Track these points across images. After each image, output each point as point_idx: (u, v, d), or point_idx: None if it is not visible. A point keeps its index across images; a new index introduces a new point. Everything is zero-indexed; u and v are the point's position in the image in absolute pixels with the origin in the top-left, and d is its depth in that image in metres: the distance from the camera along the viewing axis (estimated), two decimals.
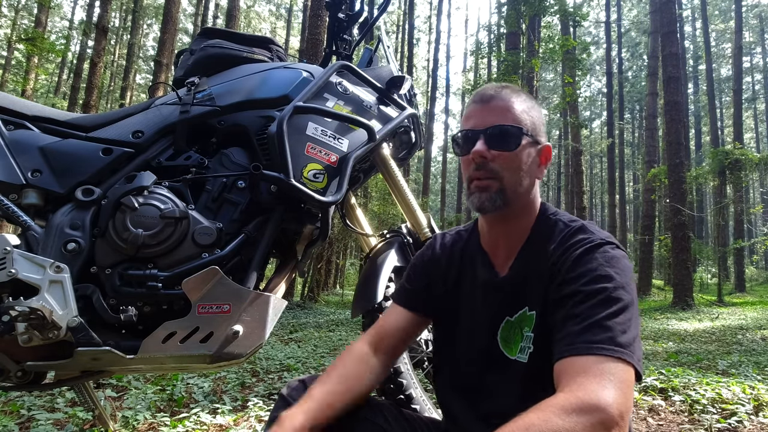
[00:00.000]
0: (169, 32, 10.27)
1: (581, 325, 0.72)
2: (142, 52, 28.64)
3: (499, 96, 0.89)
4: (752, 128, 36.50)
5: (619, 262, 0.79)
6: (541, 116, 0.93)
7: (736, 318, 7.65)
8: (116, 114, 1.45)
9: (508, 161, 0.86)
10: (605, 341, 0.69)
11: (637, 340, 0.73)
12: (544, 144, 0.91)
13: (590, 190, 34.39)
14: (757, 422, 2.07)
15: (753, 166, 12.92)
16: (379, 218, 11.38)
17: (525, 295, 0.88)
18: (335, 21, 1.72)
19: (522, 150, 0.87)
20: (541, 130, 0.91)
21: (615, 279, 0.76)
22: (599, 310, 0.73)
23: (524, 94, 0.93)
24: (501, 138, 0.86)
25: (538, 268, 0.87)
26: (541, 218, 0.91)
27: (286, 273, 1.50)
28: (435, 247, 1.06)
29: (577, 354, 0.70)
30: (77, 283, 1.22)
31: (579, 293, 0.76)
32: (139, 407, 2.07)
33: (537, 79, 13.63)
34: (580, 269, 0.79)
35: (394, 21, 26.58)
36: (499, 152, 0.86)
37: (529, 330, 0.86)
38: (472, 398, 0.94)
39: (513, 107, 0.88)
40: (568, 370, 0.69)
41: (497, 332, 0.91)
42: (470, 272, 0.98)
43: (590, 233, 0.85)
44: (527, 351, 0.86)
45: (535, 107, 0.92)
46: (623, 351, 0.69)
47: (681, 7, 21.86)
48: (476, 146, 0.86)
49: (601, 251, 0.80)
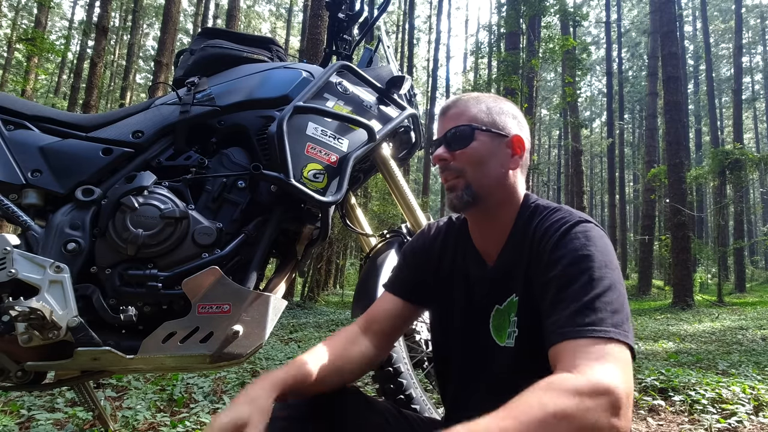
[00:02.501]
0: (169, 32, 10.26)
1: (570, 308, 0.72)
2: (142, 52, 28.64)
3: (454, 105, 0.95)
4: (752, 128, 36.50)
5: (600, 239, 0.80)
6: (510, 111, 0.96)
7: (736, 318, 7.65)
8: (116, 114, 1.45)
9: (466, 157, 0.91)
10: (597, 323, 0.69)
11: (628, 317, 0.73)
12: (513, 134, 0.93)
13: (590, 190, 34.39)
14: (757, 422, 2.07)
15: (753, 166, 12.92)
16: (379, 218, 11.37)
17: (512, 282, 0.90)
18: (335, 21, 1.72)
19: (480, 144, 0.91)
20: (505, 122, 0.93)
21: (597, 258, 0.76)
22: (586, 291, 0.73)
23: (487, 96, 0.97)
24: (456, 138, 0.92)
25: (521, 253, 0.89)
26: (524, 208, 0.93)
27: (286, 273, 1.50)
28: (427, 235, 1.07)
29: (572, 338, 0.69)
30: (77, 283, 1.22)
31: (563, 276, 0.76)
32: (139, 407, 2.06)
33: (537, 79, 13.63)
34: (561, 251, 0.79)
35: (394, 21, 26.58)
36: (457, 151, 0.92)
37: (514, 314, 0.88)
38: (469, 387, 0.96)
39: (467, 110, 0.93)
40: (566, 354, 0.69)
41: (489, 321, 0.93)
42: (462, 264, 1.00)
43: (567, 212, 0.87)
44: (513, 335, 0.87)
45: (498, 104, 0.95)
46: (617, 331, 0.69)
47: (681, 7, 21.85)
48: (436, 151, 0.94)
49: (580, 229, 0.81)
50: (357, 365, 0.96)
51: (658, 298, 13.93)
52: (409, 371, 1.52)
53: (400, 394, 1.47)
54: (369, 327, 1.00)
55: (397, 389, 1.47)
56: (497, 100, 0.97)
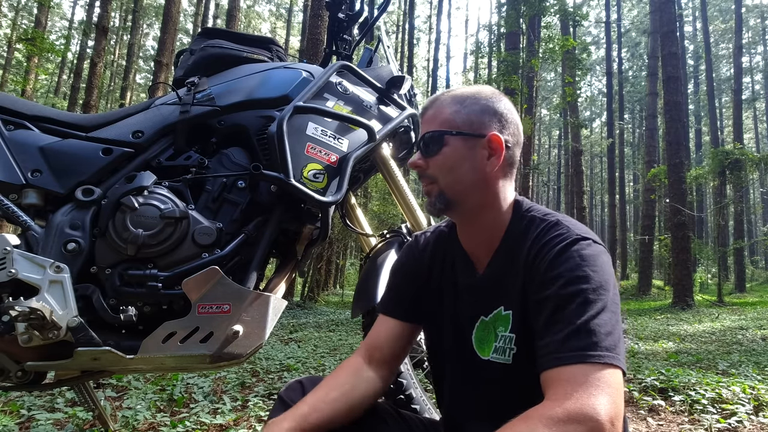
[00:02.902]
0: (169, 32, 10.26)
1: (564, 332, 0.71)
2: (142, 52, 28.64)
3: (431, 106, 0.93)
4: (752, 128, 36.50)
5: (596, 259, 0.78)
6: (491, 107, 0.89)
7: (736, 318, 7.65)
8: (116, 114, 1.45)
9: (437, 164, 0.89)
10: (590, 347, 0.69)
11: (621, 339, 0.72)
12: (489, 134, 0.87)
13: (590, 190, 34.38)
14: (757, 422, 2.07)
15: (753, 166, 12.91)
16: (379, 218, 11.37)
17: (500, 294, 0.88)
18: (335, 21, 1.72)
19: (451, 149, 0.88)
20: (485, 122, 0.88)
21: (592, 279, 0.75)
22: (580, 313, 0.72)
23: (468, 91, 0.92)
24: (428, 145, 0.90)
25: (513, 266, 0.86)
26: (516, 215, 0.90)
27: (286, 273, 1.50)
28: (415, 248, 1.04)
29: (562, 364, 0.69)
30: (77, 283, 1.22)
31: (557, 297, 0.75)
32: (139, 407, 2.07)
33: (537, 79, 13.62)
34: (556, 270, 0.77)
35: (394, 21, 26.58)
36: (430, 158, 0.90)
37: (505, 330, 0.85)
38: (457, 399, 0.94)
39: (441, 112, 0.90)
40: (555, 380, 0.69)
41: (473, 332, 0.91)
42: (451, 272, 0.98)
43: (565, 228, 0.83)
44: (510, 352, 0.85)
45: (478, 101, 0.89)
46: (611, 355, 0.68)
47: (681, 7, 21.85)
48: (412, 158, 0.93)
49: (576, 248, 0.78)
50: (366, 400, 0.93)
51: (658, 298, 13.93)
52: (409, 371, 1.52)
53: (400, 394, 1.47)
54: (371, 356, 0.97)
55: (397, 389, 1.47)
56: (479, 93, 0.91)
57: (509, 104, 0.93)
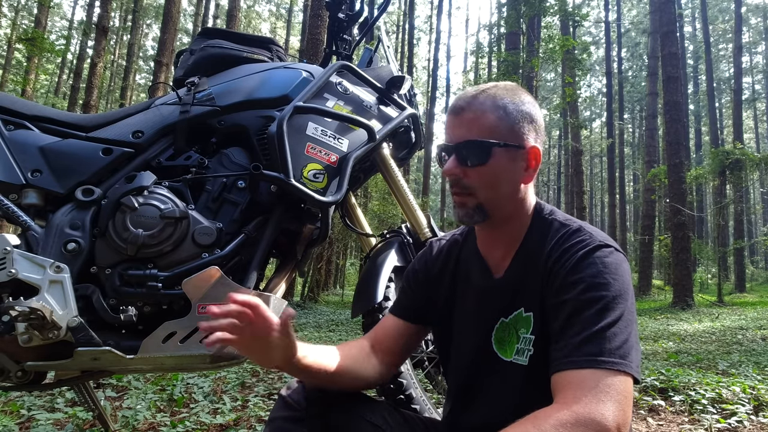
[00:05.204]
0: (169, 32, 10.26)
1: (580, 336, 0.72)
2: (142, 52, 28.63)
3: (470, 107, 0.84)
4: (752, 128, 36.50)
5: (618, 267, 0.78)
6: (529, 114, 0.85)
7: (736, 318, 7.65)
8: (116, 114, 1.45)
9: (480, 176, 0.83)
10: (604, 353, 0.69)
11: (636, 347, 0.73)
12: (530, 146, 0.84)
13: (590, 190, 34.38)
14: (757, 422, 2.07)
15: (753, 166, 12.91)
16: (379, 218, 11.37)
17: (521, 296, 0.87)
18: (335, 21, 1.72)
19: (496, 162, 0.82)
20: (525, 132, 0.84)
21: (612, 286, 0.75)
22: (597, 320, 0.72)
23: (504, 92, 0.85)
24: (470, 153, 0.83)
25: (534, 269, 0.85)
26: (537, 219, 0.89)
27: (286, 273, 1.50)
28: (429, 255, 1.05)
29: (575, 367, 0.70)
30: (77, 283, 1.22)
31: (576, 301, 0.75)
32: (139, 407, 2.06)
33: (537, 79, 13.62)
34: (577, 275, 0.77)
35: (394, 21, 26.57)
36: (470, 168, 0.83)
37: (527, 332, 0.85)
38: (470, 400, 0.94)
39: (484, 116, 0.83)
40: (566, 383, 0.70)
41: (492, 334, 0.90)
42: (465, 276, 0.97)
43: (588, 234, 0.82)
44: (527, 353, 0.85)
45: (517, 105, 0.84)
46: (622, 362, 0.69)
47: (681, 7, 21.84)
48: (447, 164, 0.85)
49: (599, 255, 0.78)
50: (369, 375, 0.96)
51: (658, 298, 13.94)
52: (409, 371, 1.52)
53: (400, 394, 1.47)
54: (377, 345, 1.00)
55: (397, 389, 1.47)
56: (515, 96, 0.85)
57: (535, 103, 0.88)
